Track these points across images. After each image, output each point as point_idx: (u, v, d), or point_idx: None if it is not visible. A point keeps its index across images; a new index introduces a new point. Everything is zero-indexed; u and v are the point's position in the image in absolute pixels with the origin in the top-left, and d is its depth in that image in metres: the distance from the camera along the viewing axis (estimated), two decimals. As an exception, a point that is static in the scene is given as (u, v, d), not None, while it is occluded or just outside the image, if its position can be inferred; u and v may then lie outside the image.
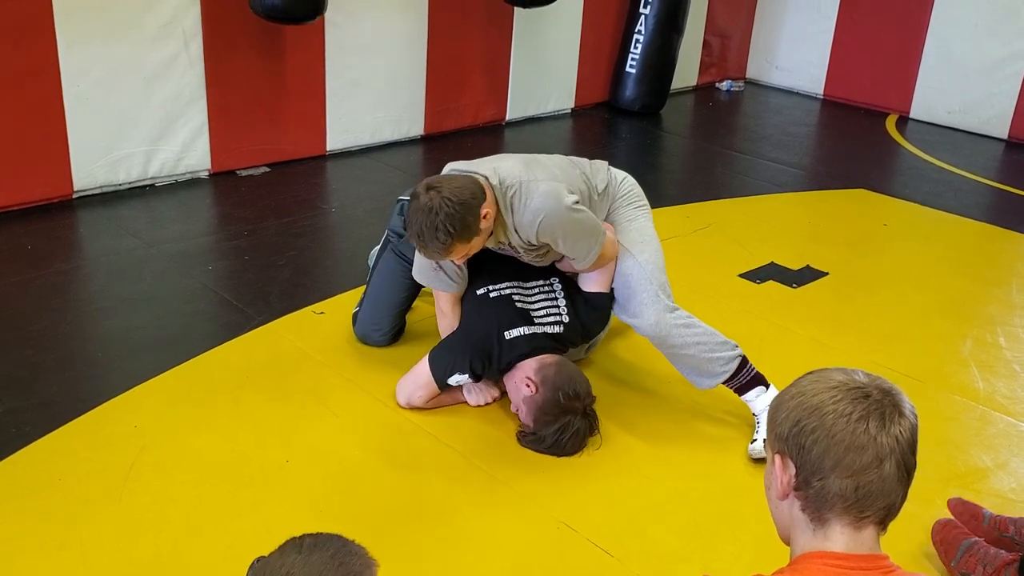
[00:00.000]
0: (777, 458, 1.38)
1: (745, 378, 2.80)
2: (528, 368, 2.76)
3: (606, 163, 3.02)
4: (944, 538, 2.36)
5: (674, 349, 2.77)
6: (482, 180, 2.59)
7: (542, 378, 2.72)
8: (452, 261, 2.68)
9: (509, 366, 2.81)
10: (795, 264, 4.16)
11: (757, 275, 4.03)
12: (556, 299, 2.90)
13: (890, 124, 6.82)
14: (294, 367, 3.12)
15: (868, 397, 1.32)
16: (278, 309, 3.50)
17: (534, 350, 2.79)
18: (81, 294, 3.70)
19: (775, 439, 1.38)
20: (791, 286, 3.96)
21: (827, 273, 4.11)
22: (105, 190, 4.50)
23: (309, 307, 3.51)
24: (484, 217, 2.54)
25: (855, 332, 3.60)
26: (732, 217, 4.78)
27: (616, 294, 2.85)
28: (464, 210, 2.47)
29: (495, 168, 2.64)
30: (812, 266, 4.16)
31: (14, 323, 3.32)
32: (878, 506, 1.31)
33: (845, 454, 1.30)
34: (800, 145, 6.35)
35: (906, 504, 1.35)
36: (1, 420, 2.75)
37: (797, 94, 7.55)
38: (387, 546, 2.35)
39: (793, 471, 1.35)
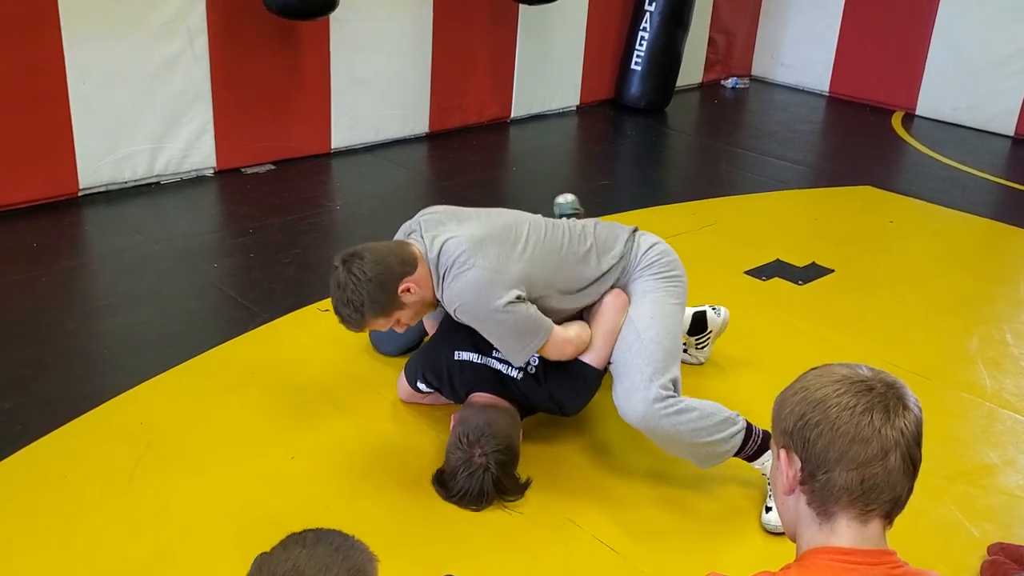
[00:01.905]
0: (782, 453, 1.38)
1: (753, 447, 2.52)
2: (467, 403, 2.63)
3: (633, 229, 2.75)
4: (994, 574, 2.31)
5: (665, 440, 2.48)
6: (417, 250, 2.46)
7: (460, 417, 2.55)
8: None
9: (462, 391, 2.68)
10: (801, 261, 4.15)
11: (763, 272, 4.02)
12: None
13: (896, 121, 6.80)
14: (299, 364, 3.12)
15: (872, 390, 1.31)
16: (283, 306, 3.50)
17: (481, 381, 2.61)
18: (86, 291, 3.71)
19: (780, 434, 1.38)
20: (797, 283, 3.95)
21: (833, 270, 4.10)
22: (110, 188, 4.50)
23: (314, 304, 3.51)
24: (404, 292, 2.41)
25: (861, 329, 3.59)
26: (738, 214, 4.77)
27: (612, 367, 2.56)
28: (375, 287, 2.37)
29: (448, 239, 2.45)
30: (818, 263, 4.15)
31: (19, 320, 3.33)
32: (884, 499, 1.31)
33: (850, 446, 1.29)
34: (806, 142, 6.33)
35: (913, 501, 1.34)
36: (6, 417, 2.76)
37: (802, 91, 7.53)
38: (391, 541, 2.35)
39: (798, 465, 1.35)
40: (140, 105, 4.47)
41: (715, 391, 2.99)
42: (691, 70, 7.21)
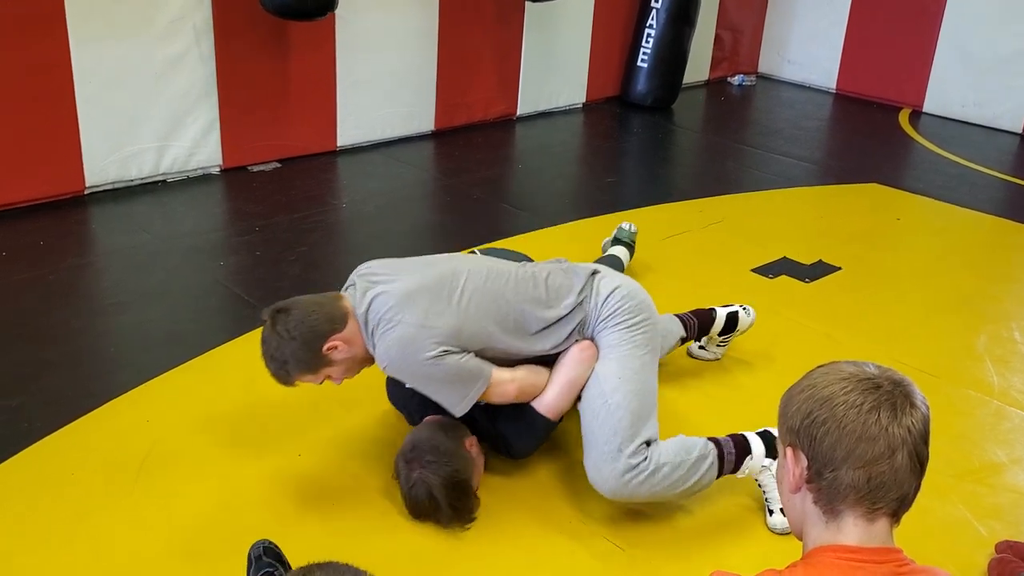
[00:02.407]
0: (789, 451, 1.37)
1: (731, 463, 2.46)
2: (420, 423, 2.59)
3: (590, 272, 2.56)
4: (1002, 573, 2.30)
5: (642, 501, 2.41)
6: (349, 306, 2.37)
7: (408, 436, 2.52)
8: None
9: (416, 415, 2.65)
10: (808, 259, 4.14)
11: (769, 270, 4.01)
12: None
13: (903, 118, 6.78)
14: (305, 362, 3.12)
15: (879, 388, 1.31)
16: (289, 304, 3.49)
17: (435, 406, 2.46)
18: (93, 289, 3.71)
19: (786, 432, 1.37)
20: (804, 281, 3.94)
21: (840, 268, 4.08)
22: (117, 186, 4.51)
23: (320, 302, 3.51)
24: (331, 350, 2.32)
25: (868, 327, 3.58)
26: (744, 212, 4.76)
27: (582, 432, 2.43)
28: (299, 346, 2.29)
29: (377, 295, 2.35)
30: (825, 261, 4.14)
31: (26, 318, 3.33)
32: (891, 497, 1.30)
33: (857, 445, 1.29)
34: (812, 140, 6.31)
35: (920, 499, 1.33)
36: (14, 415, 2.76)
37: (809, 88, 7.51)
38: (399, 538, 2.35)
39: (805, 463, 1.34)
40: (146, 104, 4.47)
41: (721, 389, 2.98)
42: (698, 67, 7.20)
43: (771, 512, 2.47)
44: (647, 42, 6.47)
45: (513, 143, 5.89)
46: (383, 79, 5.34)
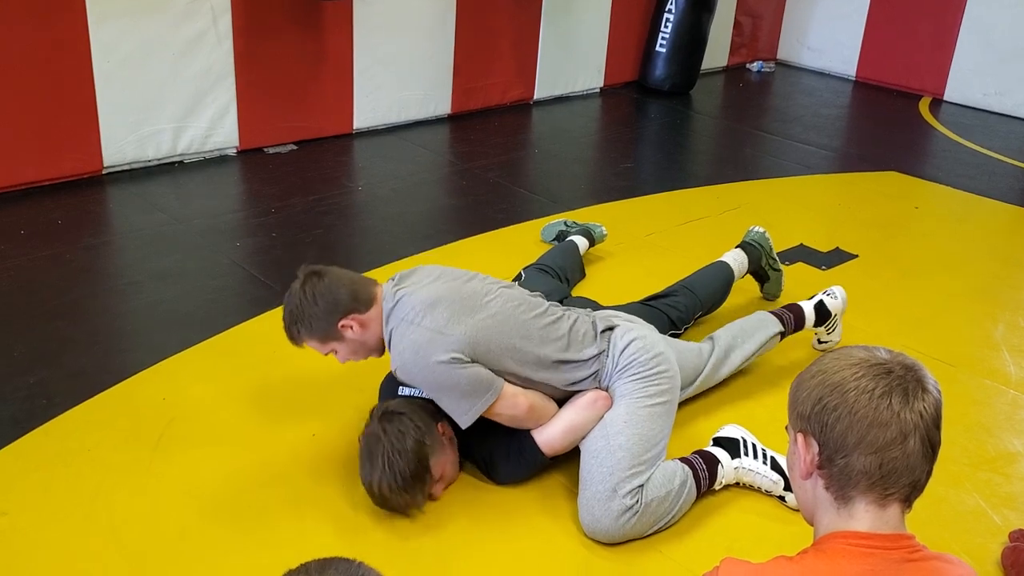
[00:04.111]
0: (800, 437, 1.37)
1: (705, 483, 2.45)
2: None
3: (619, 326, 2.56)
4: (1015, 561, 2.29)
5: (635, 538, 2.35)
6: (379, 295, 2.41)
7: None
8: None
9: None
10: (825, 246, 4.12)
11: (786, 257, 3.98)
12: None
13: (923, 106, 6.72)
14: (320, 343, 3.13)
15: (890, 373, 1.30)
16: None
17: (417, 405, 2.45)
18: (110, 269, 3.74)
19: (797, 418, 1.37)
20: (820, 268, 3.92)
21: (857, 256, 4.06)
22: (134, 166, 4.53)
23: (335, 284, 3.52)
24: (345, 327, 2.37)
25: (885, 315, 3.56)
26: (762, 198, 4.73)
27: (580, 474, 2.40)
28: (318, 311, 2.35)
29: (406, 294, 2.37)
30: (842, 248, 4.11)
31: (44, 297, 3.36)
32: (903, 483, 1.30)
33: (868, 430, 1.28)
34: (831, 127, 6.27)
35: (935, 488, 1.33)
36: (31, 391, 2.79)
37: (829, 75, 7.45)
38: (410, 519, 2.36)
39: (816, 449, 1.34)
40: (164, 84, 4.49)
41: (734, 377, 2.97)
42: (716, 53, 7.16)
43: (782, 498, 2.47)
44: (666, 27, 6.43)
45: (530, 127, 5.88)
46: (400, 62, 5.34)
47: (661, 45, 6.48)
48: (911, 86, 7.01)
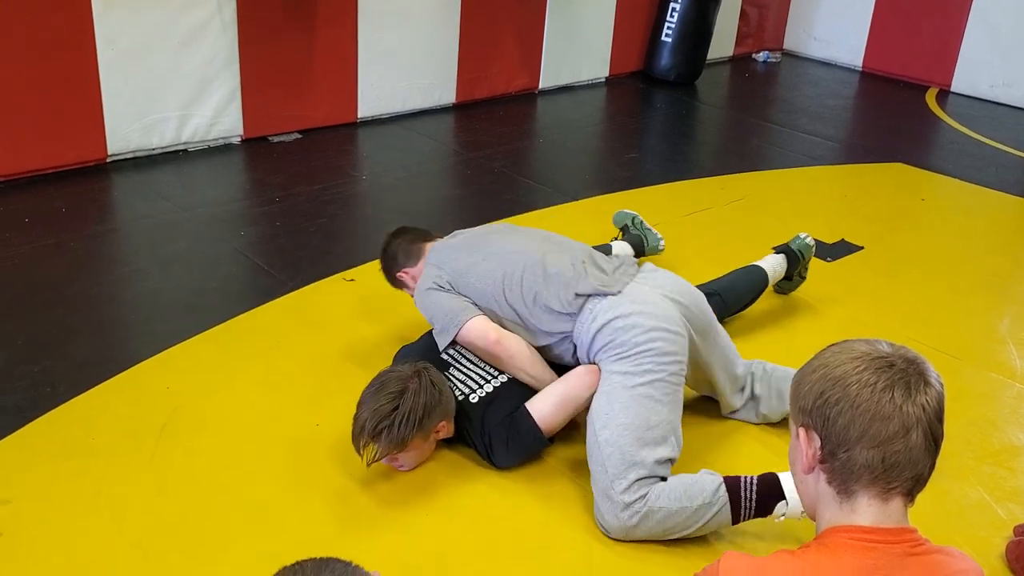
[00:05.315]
0: (801, 431, 1.36)
1: (748, 513, 2.27)
2: None
3: (612, 296, 2.46)
4: (1020, 555, 2.27)
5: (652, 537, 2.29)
6: (425, 248, 2.84)
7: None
8: None
9: None
10: (830, 238, 4.11)
11: (790, 248, 3.98)
12: (483, 384, 2.58)
13: (930, 98, 6.69)
14: (324, 332, 3.13)
15: (892, 367, 1.29)
16: (309, 275, 3.51)
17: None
18: (114, 257, 3.74)
19: (799, 412, 1.37)
20: (825, 260, 3.91)
21: (862, 247, 4.05)
22: (138, 154, 4.53)
23: (340, 273, 3.52)
24: (403, 275, 2.88)
25: (890, 307, 3.55)
26: (767, 189, 4.72)
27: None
28: (385, 265, 2.93)
29: (435, 247, 2.81)
30: (847, 240, 4.10)
31: (48, 285, 3.36)
32: (905, 476, 1.29)
33: (870, 424, 1.28)
34: (837, 118, 6.25)
35: (938, 481, 1.33)
36: (36, 379, 2.79)
37: (835, 66, 7.42)
38: (414, 502, 2.37)
39: (818, 444, 1.33)
40: (168, 72, 4.48)
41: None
42: (722, 43, 7.13)
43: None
44: (672, 17, 6.41)
45: (534, 117, 5.86)
46: (405, 51, 5.32)
47: (667, 35, 6.45)
48: (918, 77, 6.98)
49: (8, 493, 2.33)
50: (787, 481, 2.25)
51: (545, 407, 2.47)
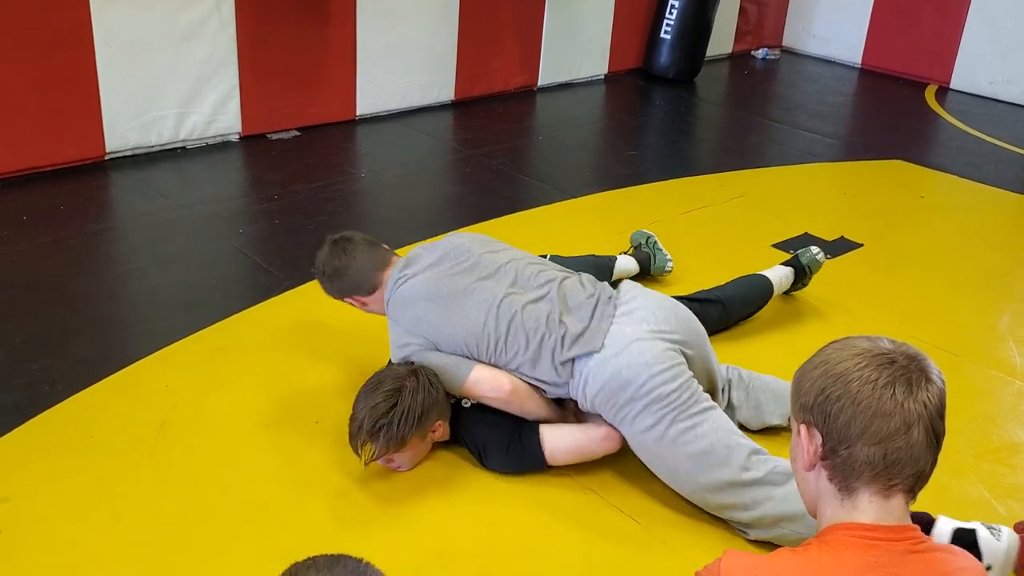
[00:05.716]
0: (803, 428, 1.36)
1: None
2: None
3: (601, 351, 2.37)
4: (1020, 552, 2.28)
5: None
6: (382, 279, 2.64)
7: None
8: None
9: None
10: (829, 235, 4.10)
11: (790, 245, 3.97)
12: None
13: (929, 95, 6.69)
14: (324, 330, 3.13)
15: (894, 363, 1.29)
16: (308, 273, 3.48)
17: None
18: (113, 254, 3.73)
19: (800, 409, 1.36)
20: (825, 257, 3.90)
21: (862, 244, 4.05)
22: (136, 152, 4.52)
23: (338, 271, 3.52)
24: (350, 302, 2.73)
25: (889, 304, 3.55)
26: (766, 186, 4.71)
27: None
28: (328, 286, 2.74)
29: (401, 285, 2.56)
30: (847, 237, 4.10)
31: (47, 283, 3.36)
32: (907, 473, 1.29)
33: (872, 421, 1.27)
34: (836, 115, 6.24)
35: (939, 478, 1.32)
36: (34, 377, 2.79)
37: (834, 63, 7.41)
38: (413, 502, 2.36)
39: (819, 440, 1.33)
40: (167, 69, 4.47)
41: (741, 366, 2.96)
42: (721, 40, 7.12)
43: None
44: (671, 13, 6.40)
45: (533, 114, 5.85)
46: (403, 48, 5.31)
47: (666, 32, 6.44)
48: (917, 74, 6.98)
49: (7, 491, 2.33)
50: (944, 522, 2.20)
51: (560, 445, 2.45)
